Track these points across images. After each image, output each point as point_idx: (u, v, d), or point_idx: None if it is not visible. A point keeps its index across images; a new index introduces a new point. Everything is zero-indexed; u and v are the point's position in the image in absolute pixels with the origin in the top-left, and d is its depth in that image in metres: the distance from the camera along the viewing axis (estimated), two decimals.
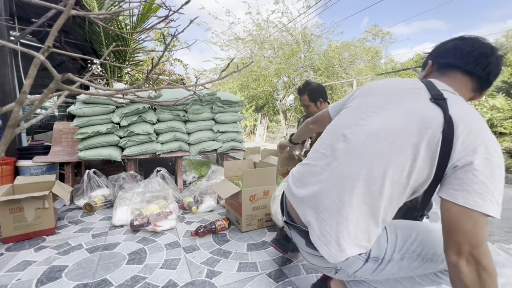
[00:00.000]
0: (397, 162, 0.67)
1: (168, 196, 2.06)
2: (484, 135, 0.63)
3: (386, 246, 0.76)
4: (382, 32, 14.87)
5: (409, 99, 0.72)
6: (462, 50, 0.76)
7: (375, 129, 0.72)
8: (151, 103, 0.84)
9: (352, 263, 0.77)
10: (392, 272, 0.78)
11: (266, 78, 11.24)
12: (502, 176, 0.61)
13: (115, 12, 0.54)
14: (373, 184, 0.69)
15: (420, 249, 0.75)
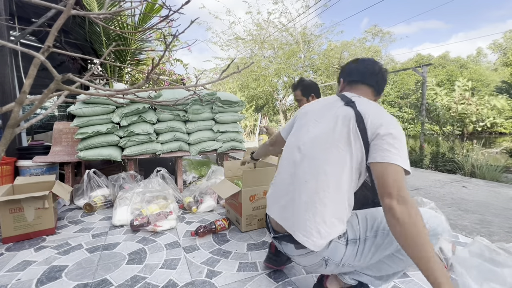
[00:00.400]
0: (339, 150, 0.89)
1: (168, 196, 2.06)
2: (382, 117, 0.88)
3: (359, 227, 0.91)
4: (382, 32, 14.88)
5: (332, 109, 0.99)
6: (359, 70, 1.07)
7: (316, 135, 0.97)
8: (151, 103, 0.84)
9: (335, 250, 0.90)
10: (372, 252, 0.90)
11: (266, 78, 11.24)
12: (403, 139, 0.84)
13: (115, 12, 0.54)
14: (330, 176, 0.88)
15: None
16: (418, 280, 1.25)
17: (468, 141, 5.16)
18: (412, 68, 5.62)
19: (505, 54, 22.94)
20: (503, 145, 6.67)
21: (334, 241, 0.88)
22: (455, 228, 1.84)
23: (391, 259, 0.91)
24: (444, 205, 2.32)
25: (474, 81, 17.42)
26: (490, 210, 2.21)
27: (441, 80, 19.21)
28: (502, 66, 22.64)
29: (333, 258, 0.91)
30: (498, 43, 24.06)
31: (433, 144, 5.23)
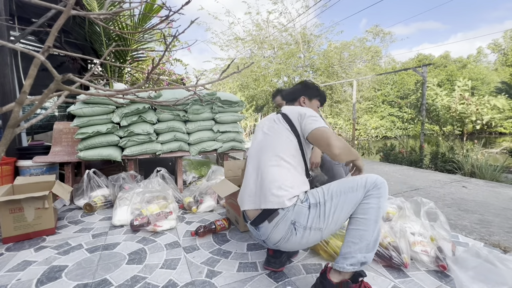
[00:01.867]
0: (280, 138, 1.24)
1: (168, 196, 2.06)
2: (299, 111, 1.27)
3: (318, 194, 1.13)
4: (383, 32, 14.89)
5: (271, 120, 1.35)
6: (293, 90, 1.59)
7: (260, 140, 1.32)
8: (151, 103, 0.84)
9: (300, 212, 1.09)
10: (333, 211, 1.09)
11: (266, 78, 11.24)
12: (312, 113, 1.25)
13: (115, 12, 0.54)
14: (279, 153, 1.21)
15: (339, 188, 1.13)
16: (418, 280, 1.25)
17: (468, 141, 5.16)
18: (412, 68, 5.63)
19: (505, 54, 22.95)
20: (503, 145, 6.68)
21: (297, 204, 1.10)
22: (455, 228, 1.84)
23: (359, 222, 1.09)
24: (444, 205, 2.32)
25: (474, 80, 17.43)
26: (490, 210, 2.21)
27: (441, 80, 19.21)
28: (502, 66, 22.65)
29: (299, 220, 1.09)
30: (498, 42, 24.07)
31: (433, 144, 5.23)
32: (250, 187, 1.25)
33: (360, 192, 1.11)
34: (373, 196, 1.10)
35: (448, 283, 1.22)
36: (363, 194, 1.10)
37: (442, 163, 4.28)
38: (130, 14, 3.54)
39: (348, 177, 1.24)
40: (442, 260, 1.31)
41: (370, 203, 1.10)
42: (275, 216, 1.11)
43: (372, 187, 1.11)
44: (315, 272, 1.32)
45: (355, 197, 1.11)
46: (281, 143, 1.23)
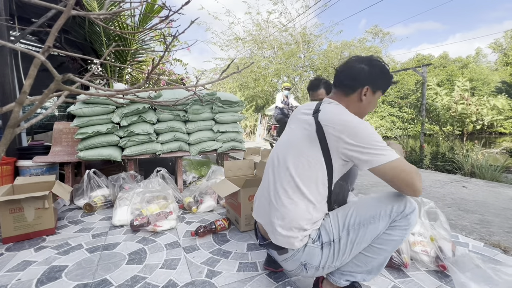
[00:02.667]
0: (301, 160, 0.96)
1: (168, 196, 2.06)
2: (345, 128, 0.90)
3: (332, 228, 0.94)
4: (382, 32, 14.88)
5: (302, 122, 1.04)
6: (353, 73, 1.06)
7: (283, 142, 1.08)
8: (151, 103, 0.84)
9: (311, 254, 0.94)
10: (349, 249, 0.93)
11: (266, 78, 11.24)
12: (370, 135, 0.88)
13: (115, 12, 0.54)
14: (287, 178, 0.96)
15: (358, 218, 0.92)
16: (418, 280, 1.25)
17: (468, 141, 5.16)
18: (412, 68, 5.62)
19: (506, 54, 22.93)
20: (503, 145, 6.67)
21: (308, 245, 0.93)
22: (455, 228, 1.84)
23: (372, 251, 0.94)
24: (444, 205, 2.32)
25: (475, 80, 17.42)
26: (490, 210, 2.21)
27: (441, 80, 19.21)
28: (503, 66, 22.64)
29: (311, 262, 0.94)
30: (499, 42, 24.05)
31: (433, 144, 5.22)
32: (263, 200, 1.06)
33: (383, 222, 0.91)
34: (398, 227, 0.91)
35: (448, 283, 1.22)
36: (386, 224, 0.91)
37: (442, 163, 4.28)
38: (131, 14, 3.54)
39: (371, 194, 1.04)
40: (442, 260, 1.31)
41: (393, 235, 0.92)
42: (284, 252, 0.97)
43: (399, 217, 0.90)
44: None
45: (375, 229, 0.91)
46: (303, 167, 0.94)
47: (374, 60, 1.04)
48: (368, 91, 1.02)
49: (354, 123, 0.90)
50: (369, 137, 0.87)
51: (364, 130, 0.88)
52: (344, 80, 1.04)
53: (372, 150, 0.86)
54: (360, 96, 1.02)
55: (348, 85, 1.03)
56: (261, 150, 3.15)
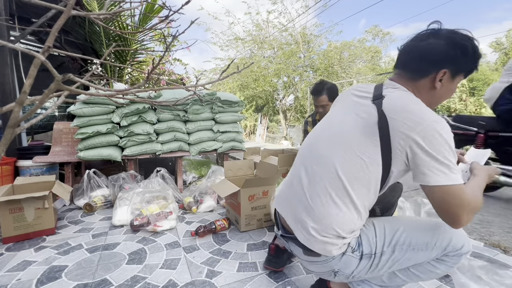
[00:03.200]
0: (353, 157, 0.79)
1: (168, 196, 2.06)
2: (419, 125, 0.71)
3: (376, 240, 0.82)
4: (382, 32, 14.88)
5: (356, 112, 0.85)
6: (426, 49, 0.85)
7: (324, 134, 0.89)
8: (151, 103, 0.84)
9: (348, 263, 0.82)
10: (388, 266, 0.83)
11: (266, 78, 11.23)
12: (447, 143, 0.70)
13: (115, 13, 0.54)
14: (335, 179, 0.79)
15: (410, 239, 0.81)
16: None
17: None
18: None
19: (507, 54, 22.92)
20: None
21: (347, 254, 0.82)
22: None
23: (406, 274, 0.87)
24: None
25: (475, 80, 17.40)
26: (490, 210, 2.21)
27: None
28: (503, 66, 22.63)
29: (344, 270, 0.84)
30: (500, 42, 24.05)
31: None
32: (291, 193, 0.90)
33: (435, 252, 0.81)
34: (446, 263, 0.82)
35: (448, 283, 1.22)
36: (436, 256, 0.81)
37: None
38: (131, 14, 3.54)
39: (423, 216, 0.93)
40: None
41: (437, 267, 0.83)
42: (312, 254, 0.84)
43: (453, 253, 0.81)
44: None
45: (424, 257, 0.81)
46: (355, 167, 0.77)
47: (456, 32, 0.79)
48: (446, 76, 0.79)
49: (433, 122, 0.71)
50: (444, 145, 0.69)
51: (443, 135, 0.70)
52: (410, 62, 0.83)
53: (437, 164, 0.69)
54: (433, 82, 0.80)
55: (416, 68, 0.81)
56: (261, 150, 3.15)
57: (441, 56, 0.78)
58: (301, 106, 12.59)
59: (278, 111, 13.65)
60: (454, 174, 0.69)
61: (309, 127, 2.45)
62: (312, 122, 2.41)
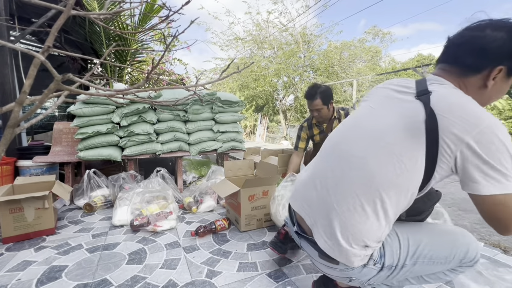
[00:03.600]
0: (391, 162, 0.72)
1: (168, 196, 2.06)
2: (478, 127, 0.64)
3: (399, 253, 0.78)
4: (382, 33, 14.88)
5: (401, 116, 0.77)
6: (484, 42, 0.75)
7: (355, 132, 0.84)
8: (151, 103, 0.84)
9: (367, 274, 0.79)
10: (405, 276, 0.83)
11: (266, 78, 11.23)
12: (505, 140, 0.62)
13: (115, 12, 0.54)
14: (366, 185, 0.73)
15: (432, 253, 0.79)
16: None
17: None
18: (412, 68, 5.63)
19: None
20: None
21: (368, 266, 0.78)
22: None
23: (418, 280, 0.87)
24: (445, 205, 2.32)
25: None
26: None
27: None
28: None
29: (361, 278, 0.82)
30: None
31: None
32: (312, 190, 0.84)
33: (452, 265, 0.82)
34: (457, 272, 0.84)
35: (448, 283, 1.22)
36: (452, 267, 0.83)
37: None
38: (130, 14, 3.54)
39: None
40: None
41: (448, 276, 0.85)
42: (331, 261, 0.79)
43: (466, 264, 0.82)
44: (315, 272, 1.32)
45: (441, 269, 0.83)
46: (393, 171, 0.69)
47: None
48: (501, 74, 0.70)
49: (492, 125, 0.63)
50: (503, 152, 0.62)
51: (502, 140, 0.62)
52: (463, 55, 0.73)
53: (491, 171, 0.62)
54: (486, 79, 0.71)
55: (470, 63, 0.72)
56: (261, 150, 3.15)
57: (501, 51, 0.68)
58: (301, 106, 12.59)
59: (278, 111, 13.65)
60: (510, 183, 0.62)
61: (303, 132, 2.38)
62: (308, 127, 2.37)
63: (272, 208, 1.77)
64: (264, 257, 1.46)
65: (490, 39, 0.69)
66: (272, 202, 1.80)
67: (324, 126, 2.26)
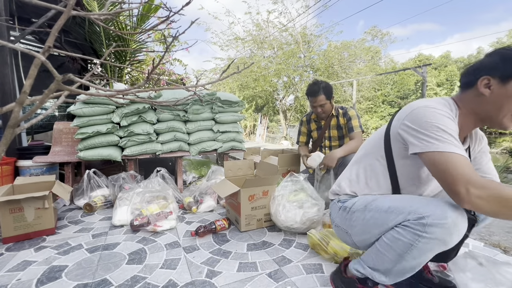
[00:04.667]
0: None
1: (168, 196, 2.06)
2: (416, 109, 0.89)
3: (356, 201, 1.02)
4: (381, 33, 14.89)
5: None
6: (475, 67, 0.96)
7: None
8: (151, 103, 0.84)
9: (332, 208, 1.14)
10: (360, 224, 0.98)
11: (266, 78, 11.23)
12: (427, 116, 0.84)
13: (115, 13, 0.54)
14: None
15: (378, 203, 0.95)
16: None
17: None
18: (412, 68, 5.63)
19: None
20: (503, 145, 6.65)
21: (334, 201, 1.12)
22: None
23: (382, 244, 0.92)
24: None
25: None
26: None
27: (441, 80, 19.20)
28: None
29: (332, 215, 1.14)
30: (502, 41, 24.03)
31: None
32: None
33: (393, 216, 0.88)
34: (409, 230, 0.83)
35: None
36: (396, 221, 0.87)
37: None
38: (130, 14, 3.54)
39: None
40: None
41: (401, 234, 0.85)
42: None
43: (413, 218, 0.82)
44: (315, 272, 1.32)
45: (384, 219, 0.90)
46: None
47: (499, 49, 0.86)
48: (492, 82, 0.83)
49: (419, 108, 0.87)
50: (431, 125, 0.81)
51: (428, 117, 0.83)
52: (461, 79, 0.95)
53: (423, 136, 0.82)
54: (478, 89, 0.86)
55: (463, 82, 0.93)
56: (261, 150, 3.15)
57: (478, 66, 0.88)
58: (301, 106, 12.59)
59: (278, 111, 13.66)
60: (444, 144, 0.78)
61: (302, 127, 2.44)
62: (307, 122, 2.41)
63: (272, 208, 1.77)
64: (264, 257, 1.46)
65: (480, 62, 0.89)
66: (272, 202, 1.80)
67: (322, 123, 2.28)
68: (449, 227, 0.78)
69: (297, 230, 1.71)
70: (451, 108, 0.90)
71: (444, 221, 0.78)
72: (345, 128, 2.18)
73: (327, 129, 2.26)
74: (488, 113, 0.87)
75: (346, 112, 2.18)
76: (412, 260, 0.86)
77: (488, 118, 0.88)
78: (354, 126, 2.11)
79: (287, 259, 1.44)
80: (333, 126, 2.23)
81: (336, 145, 2.24)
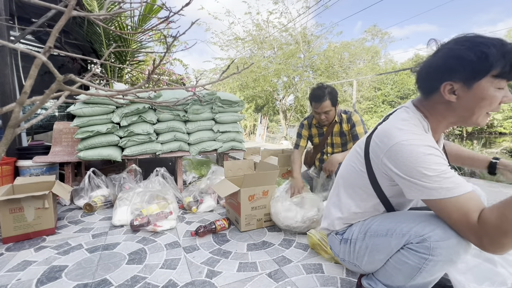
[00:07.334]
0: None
1: (168, 196, 2.06)
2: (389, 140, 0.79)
3: (354, 229, 0.96)
4: (381, 32, 14.90)
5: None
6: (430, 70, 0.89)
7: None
8: (151, 103, 0.84)
9: (332, 243, 1.05)
10: (362, 254, 0.92)
11: (266, 78, 11.23)
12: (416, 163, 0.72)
13: (115, 13, 0.54)
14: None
15: (378, 226, 0.89)
16: None
17: (467, 141, 5.16)
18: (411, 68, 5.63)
19: None
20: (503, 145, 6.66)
21: (332, 234, 1.04)
22: None
23: (390, 266, 0.88)
24: None
25: None
26: None
27: None
28: None
29: (333, 249, 1.05)
30: None
31: None
32: None
33: (394, 240, 0.82)
34: (414, 253, 0.77)
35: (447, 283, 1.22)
36: (399, 244, 0.81)
37: None
38: (130, 14, 3.54)
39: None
40: None
41: (407, 257, 0.80)
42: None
43: (416, 241, 0.77)
44: (315, 272, 1.32)
45: (386, 244, 0.84)
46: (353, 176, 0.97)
47: (454, 41, 0.75)
48: (456, 87, 0.75)
49: (398, 144, 0.75)
50: (413, 168, 0.72)
51: (406, 156, 0.73)
52: (417, 81, 0.85)
53: (408, 183, 0.74)
54: (442, 97, 0.78)
55: (421, 87, 0.84)
56: (261, 150, 3.15)
57: (434, 69, 0.79)
58: (301, 106, 12.58)
59: (278, 111, 13.65)
60: (437, 191, 0.69)
61: (303, 130, 2.26)
62: (308, 126, 2.25)
63: (272, 208, 1.77)
64: (264, 257, 1.46)
65: (430, 64, 0.79)
66: (272, 202, 1.80)
67: (324, 130, 2.16)
68: (453, 246, 0.73)
69: (297, 229, 1.71)
70: (423, 124, 0.82)
71: (447, 241, 0.72)
72: (349, 135, 2.06)
73: (329, 136, 2.14)
74: (459, 118, 0.81)
75: (350, 118, 2.05)
76: (423, 279, 0.82)
77: (460, 121, 0.82)
78: (359, 133, 1.98)
79: (287, 259, 1.44)
80: (336, 133, 2.10)
81: (339, 151, 2.12)
